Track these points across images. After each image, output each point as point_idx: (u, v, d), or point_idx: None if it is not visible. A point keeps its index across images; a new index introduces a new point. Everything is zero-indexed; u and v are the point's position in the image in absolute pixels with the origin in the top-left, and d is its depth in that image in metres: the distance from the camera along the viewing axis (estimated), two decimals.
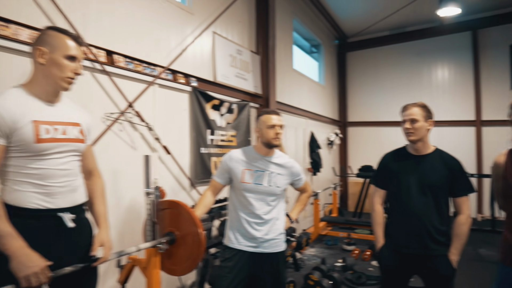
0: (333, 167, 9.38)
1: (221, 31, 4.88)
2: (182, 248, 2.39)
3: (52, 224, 1.65)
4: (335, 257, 5.69)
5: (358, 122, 10.60)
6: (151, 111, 3.59)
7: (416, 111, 2.43)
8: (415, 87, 9.78)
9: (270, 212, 2.53)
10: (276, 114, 2.55)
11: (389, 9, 8.34)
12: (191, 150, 4.16)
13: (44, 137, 1.61)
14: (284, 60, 6.81)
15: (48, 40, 1.64)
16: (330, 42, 9.98)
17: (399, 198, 2.47)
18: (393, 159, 2.58)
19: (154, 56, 3.65)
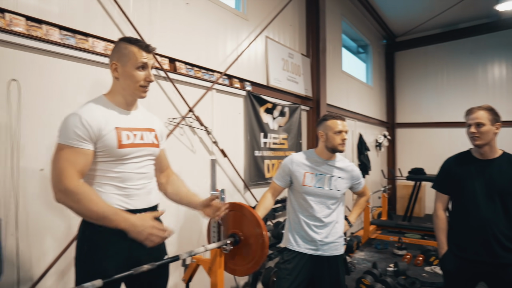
0: (382, 169, 9.20)
1: (274, 35, 4.95)
2: (245, 249, 2.47)
3: None
4: (386, 261, 5.61)
5: (407, 124, 10.32)
6: (209, 115, 3.72)
7: (482, 114, 2.35)
8: (469, 87, 9.37)
9: (330, 215, 2.56)
10: (342, 120, 2.57)
11: (441, 6, 8.08)
12: (246, 153, 4.26)
13: (125, 142, 1.73)
14: (333, 62, 6.79)
15: (120, 53, 1.76)
16: (378, 42, 9.80)
17: (465, 204, 2.41)
18: (457, 163, 2.51)
19: (212, 62, 3.78)
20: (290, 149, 5.04)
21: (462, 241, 2.42)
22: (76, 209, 1.57)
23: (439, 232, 2.54)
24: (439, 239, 2.54)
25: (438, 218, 2.56)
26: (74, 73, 2.53)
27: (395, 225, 6.76)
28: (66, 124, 1.63)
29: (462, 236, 2.43)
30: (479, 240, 2.32)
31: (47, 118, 2.35)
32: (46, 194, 2.33)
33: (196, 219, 3.52)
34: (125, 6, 2.89)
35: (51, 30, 2.39)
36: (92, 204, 1.55)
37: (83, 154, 1.63)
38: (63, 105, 2.43)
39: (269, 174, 4.60)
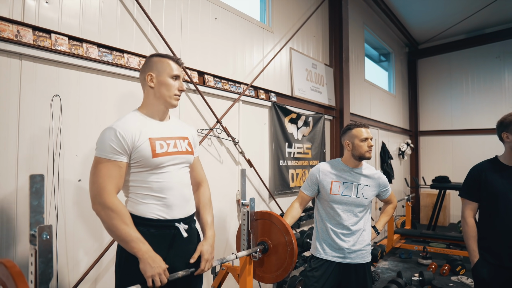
0: (405, 178, 9.12)
1: (297, 46, 5.04)
2: (274, 257, 2.53)
3: (169, 233, 1.85)
4: (411, 270, 5.57)
5: (430, 131, 10.21)
6: (236, 126, 3.83)
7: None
8: (495, 92, 9.20)
9: (358, 223, 2.60)
10: (366, 127, 2.64)
11: (465, 11, 8.02)
12: (271, 162, 4.34)
13: (159, 151, 1.81)
14: (356, 71, 6.83)
15: (154, 65, 1.89)
16: (400, 50, 9.77)
17: (498, 211, 2.42)
18: (486, 170, 2.53)
19: (239, 74, 3.90)
20: (314, 159, 5.09)
21: (496, 248, 2.42)
22: (107, 223, 1.68)
23: (469, 240, 2.54)
24: (470, 247, 2.53)
25: (468, 226, 2.56)
26: (110, 87, 2.68)
27: (419, 234, 6.69)
28: (103, 138, 1.73)
29: (496, 243, 2.43)
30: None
31: (85, 131, 2.50)
32: (83, 204, 2.47)
33: (223, 228, 3.62)
34: (158, 23, 3.04)
35: (91, 48, 2.54)
36: (123, 225, 1.66)
37: (118, 167, 1.73)
38: (100, 118, 2.57)
39: (294, 183, 4.66)
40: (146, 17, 2.92)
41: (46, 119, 2.29)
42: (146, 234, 1.76)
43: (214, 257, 2.03)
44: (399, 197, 8.12)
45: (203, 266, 1.93)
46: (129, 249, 1.67)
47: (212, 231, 2.05)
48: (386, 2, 7.64)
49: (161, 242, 1.82)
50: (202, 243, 1.98)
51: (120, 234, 1.66)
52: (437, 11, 8.15)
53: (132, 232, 1.67)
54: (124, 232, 1.65)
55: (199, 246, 1.96)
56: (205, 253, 1.94)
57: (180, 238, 1.88)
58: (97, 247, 2.55)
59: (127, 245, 1.67)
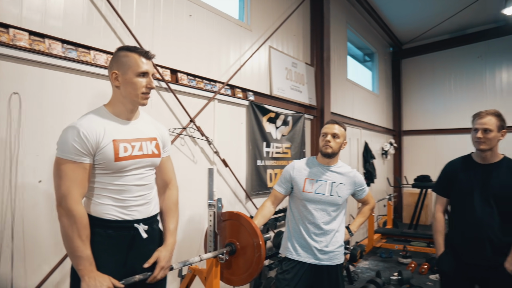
0: (388, 177, 9.16)
1: (277, 45, 5.00)
2: (242, 259, 2.49)
3: (128, 234, 1.79)
4: (390, 270, 5.58)
5: (413, 131, 10.28)
6: (211, 126, 3.77)
7: (490, 120, 2.38)
8: (477, 92, 9.32)
9: (331, 223, 2.55)
10: (332, 123, 2.60)
11: (448, 12, 8.07)
12: (248, 162, 4.30)
13: (122, 155, 1.74)
14: (338, 71, 6.81)
15: (120, 62, 1.78)
16: (384, 50, 9.81)
17: (462, 207, 2.46)
18: (457, 167, 2.56)
19: (214, 72, 3.84)
20: (293, 158, 5.06)
21: (457, 243, 2.47)
22: (64, 230, 1.62)
23: (436, 234, 2.59)
24: (437, 241, 2.58)
25: (436, 220, 2.61)
26: (75, 85, 2.60)
27: (400, 233, 6.73)
28: (65, 138, 1.65)
29: (457, 238, 2.48)
30: (474, 242, 2.37)
31: (48, 130, 2.42)
32: (43, 205, 2.39)
33: (197, 230, 3.56)
34: (128, 19, 2.96)
35: (54, 44, 2.46)
36: (78, 240, 1.60)
37: (83, 169, 1.66)
38: (65, 117, 2.49)
39: (272, 183, 4.62)
40: (115, 13, 2.85)
41: (2, 118, 2.21)
42: (103, 236, 1.71)
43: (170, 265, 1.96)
44: (381, 196, 8.15)
45: (156, 272, 1.85)
46: (75, 264, 1.62)
47: (173, 238, 1.98)
48: (369, 2, 7.65)
49: (119, 244, 1.77)
50: (160, 249, 1.91)
51: (72, 247, 1.60)
52: (420, 11, 8.20)
53: (84, 249, 1.61)
54: (76, 245, 1.60)
55: (156, 252, 1.90)
56: (161, 259, 1.88)
57: (140, 239, 1.81)
58: (59, 250, 2.48)
59: (74, 259, 1.62)
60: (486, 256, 2.32)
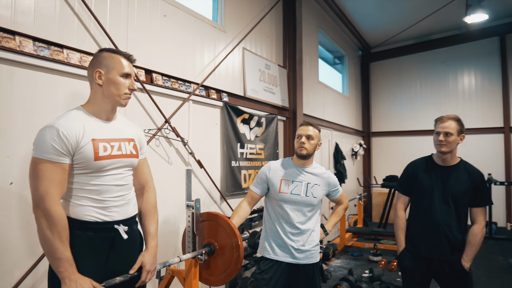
0: (358, 178, 9.37)
1: (251, 46, 5.03)
2: (220, 259, 2.50)
3: (108, 236, 1.77)
4: (362, 268, 5.71)
5: (382, 132, 10.59)
6: (185, 127, 3.75)
7: (451, 125, 2.52)
8: (441, 95, 9.76)
9: (307, 223, 2.60)
10: (306, 125, 2.65)
11: (414, 18, 8.37)
12: (222, 163, 4.30)
13: (102, 154, 1.72)
14: (310, 73, 6.92)
15: (103, 61, 1.78)
16: (353, 53, 10.04)
17: (422, 206, 2.59)
18: (419, 167, 2.69)
19: (189, 73, 3.82)
20: (267, 159, 5.10)
21: (416, 239, 2.60)
22: (42, 233, 1.57)
23: (398, 230, 2.71)
24: (398, 238, 2.70)
25: (398, 217, 2.73)
26: (47, 84, 2.53)
27: (370, 232, 6.91)
28: (43, 137, 1.61)
29: (417, 234, 2.60)
30: (433, 239, 2.52)
31: (18, 130, 2.34)
32: (15, 209, 2.31)
33: (173, 231, 3.53)
34: (102, 17, 2.91)
35: (25, 42, 2.39)
36: (58, 241, 1.56)
37: (62, 169, 1.63)
38: (36, 117, 2.42)
39: (246, 184, 4.64)
40: (88, 10, 2.79)
41: None
42: (83, 238, 1.69)
43: (156, 267, 1.97)
44: (352, 196, 8.33)
45: (144, 277, 1.87)
46: (55, 266, 1.58)
47: (154, 241, 1.99)
48: (340, 7, 7.82)
49: (100, 246, 1.75)
50: (143, 254, 1.92)
51: (52, 248, 1.56)
52: (388, 17, 8.47)
53: (64, 250, 1.58)
54: (56, 247, 1.56)
55: (140, 256, 1.90)
56: (146, 263, 1.88)
57: (120, 240, 1.80)
58: (32, 254, 2.40)
59: (54, 261, 1.58)
60: (443, 251, 2.49)
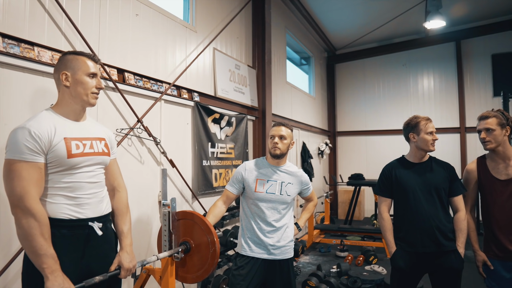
0: (324, 176, 9.61)
1: (221, 47, 5.08)
2: (196, 257, 2.53)
3: (83, 233, 1.79)
4: (330, 263, 5.87)
5: (347, 132, 10.91)
6: (157, 126, 3.75)
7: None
8: (402, 96, 10.23)
9: (281, 220, 2.69)
10: (278, 126, 2.72)
11: (377, 22, 8.70)
12: (194, 163, 4.32)
13: (75, 152, 1.75)
14: (278, 74, 7.04)
15: (68, 64, 1.82)
16: (319, 54, 10.27)
17: (408, 204, 2.66)
18: (396, 168, 2.77)
19: (161, 73, 3.83)
20: (237, 158, 5.16)
21: (410, 236, 2.65)
22: (24, 231, 1.57)
23: (386, 233, 2.74)
24: (388, 240, 2.73)
25: (384, 220, 2.77)
26: (18, 83, 2.48)
27: (337, 229, 7.11)
28: (15, 139, 1.62)
29: (410, 232, 2.66)
30: (425, 233, 2.60)
31: None
32: None
33: (145, 231, 3.53)
34: (73, 15, 2.87)
35: None
36: (40, 238, 1.57)
37: (38, 168, 1.64)
38: (4, 115, 2.37)
39: (217, 183, 4.68)
40: (60, 8, 2.75)
41: None
42: (58, 236, 1.69)
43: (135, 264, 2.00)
44: (319, 194, 8.52)
45: (123, 275, 1.90)
46: (38, 263, 1.58)
47: (128, 240, 2.02)
48: (307, 9, 7.97)
49: (75, 243, 1.76)
50: (119, 254, 1.95)
51: (35, 245, 1.56)
52: (353, 20, 8.74)
53: (48, 247, 1.59)
54: (40, 244, 1.56)
55: (117, 257, 1.94)
56: (124, 262, 1.92)
57: (95, 237, 1.82)
58: (3, 256, 2.35)
59: (38, 258, 1.57)
60: (439, 243, 2.57)
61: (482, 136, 2.58)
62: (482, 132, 2.58)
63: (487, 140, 2.55)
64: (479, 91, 9.52)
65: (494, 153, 2.61)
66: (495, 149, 2.57)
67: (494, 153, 2.61)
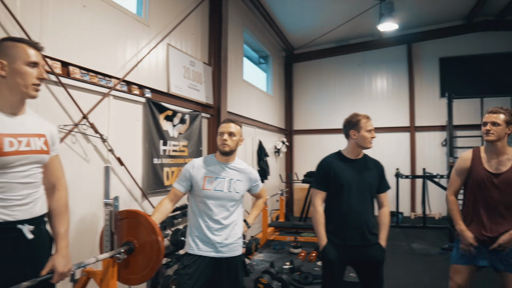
0: (280, 174, 9.71)
1: (175, 43, 4.99)
2: (140, 257, 2.48)
3: (10, 236, 1.67)
4: (283, 260, 5.94)
5: (303, 130, 11.11)
6: (105, 123, 3.63)
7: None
8: (357, 96, 10.59)
9: (229, 217, 2.68)
10: (227, 122, 2.72)
11: (334, 23, 8.91)
12: (144, 161, 4.22)
13: (8, 150, 1.62)
14: (235, 71, 7.03)
15: (6, 51, 1.67)
16: (278, 53, 10.36)
17: (342, 198, 2.75)
18: (332, 163, 2.86)
19: (110, 67, 3.70)
20: (190, 156, 5.10)
21: (340, 229, 2.76)
22: None
23: (319, 226, 2.81)
24: (319, 232, 2.80)
25: (318, 213, 2.83)
26: None
27: (291, 226, 7.22)
28: None
29: (339, 225, 2.76)
30: (355, 227, 2.72)
31: None
32: None
33: (90, 231, 3.40)
34: (11, 3, 2.70)
35: None
36: None
37: None
38: None
39: (169, 181, 4.61)
40: None
41: None
42: None
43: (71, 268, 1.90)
44: (274, 192, 8.60)
45: (55, 280, 1.79)
46: None
47: (64, 242, 1.90)
48: (265, 8, 8.01)
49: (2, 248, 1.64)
50: (53, 257, 1.83)
51: None
52: (310, 20, 8.89)
53: None
54: None
55: (50, 260, 1.82)
56: (58, 266, 1.80)
57: (24, 241, 1.70)
58: None
59: None
60: (365, 237, 2.72)
61: (487, 127, 2.72)
62: (489, 124, 2.73)
63: (491, 132, 2.71)
64: (427, 92, 10.06)
65: (492, 146, 2.77)
66: (494, 142, 2.73)
67: (492, 147, 2.77)
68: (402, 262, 5.81)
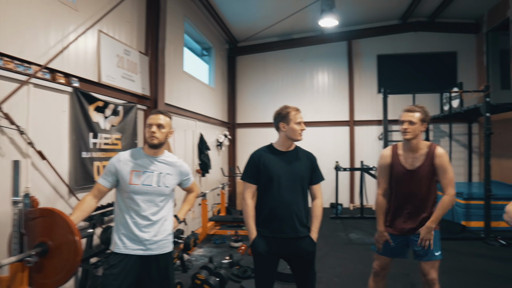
0: (222, 167, 9.63)
1: (108, 30, 4.71)
2: (56, 259, 2.29)
3: None
4: (223, 254, 5.88)
5: (246, 124, 11.10)
6: (24, 113, 3.32)
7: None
8: (299, 90, 10.79)
9: (159, 213, 2.56)
10: (156, 114, 2.59)
11: (277, 16, 8.92)
12: (71, 154, 3.94)
13: None
14: (174, 62, 6.81)
15: None
16: (221, 45, 10.23)
17: (272, 190, 2.72)
18: (262, 155, 2.82)
19: (29, 53, 3.39)
20: (124, 150, 4.85)
21: (268, 222, 2.73)
22: None
23: (249, 219, 2.77)
24: (249, 225, 2.77)
25: (248, 206, 2.79)
26: None
27: (232, 220, 7.17)
28: None
29: (267, 217, 2.73)
30: (284, 219, 2.70)
31: None
32: None
33: (3, 232, 3.11)
34: None
35: None
36: None
37: None
38: None
39: (99, 176, 4.34)
40: None
41: None
42: None
43: None
44: (215, 185, 8.52)
45: None
46: None
47: None
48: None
49: None
50: None
51: None
52: (253, 13, 8.84)
53: None
54: None
55: None
56: None
57: None
58: None
59: None
60: (296, 229, 2.70)
61: (404, 126, 2.89)
62: (405, 123, 2.89)
63: (408, 130, 2.87)
64: (366, 87, 10.48)
65: (408, 144, 2.94)
66: (410, 140, 2.89)
67: (408, 144, 2.94)
68: (340, 251, 6.00)
